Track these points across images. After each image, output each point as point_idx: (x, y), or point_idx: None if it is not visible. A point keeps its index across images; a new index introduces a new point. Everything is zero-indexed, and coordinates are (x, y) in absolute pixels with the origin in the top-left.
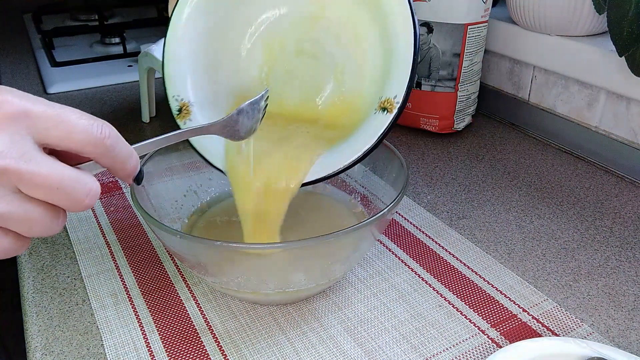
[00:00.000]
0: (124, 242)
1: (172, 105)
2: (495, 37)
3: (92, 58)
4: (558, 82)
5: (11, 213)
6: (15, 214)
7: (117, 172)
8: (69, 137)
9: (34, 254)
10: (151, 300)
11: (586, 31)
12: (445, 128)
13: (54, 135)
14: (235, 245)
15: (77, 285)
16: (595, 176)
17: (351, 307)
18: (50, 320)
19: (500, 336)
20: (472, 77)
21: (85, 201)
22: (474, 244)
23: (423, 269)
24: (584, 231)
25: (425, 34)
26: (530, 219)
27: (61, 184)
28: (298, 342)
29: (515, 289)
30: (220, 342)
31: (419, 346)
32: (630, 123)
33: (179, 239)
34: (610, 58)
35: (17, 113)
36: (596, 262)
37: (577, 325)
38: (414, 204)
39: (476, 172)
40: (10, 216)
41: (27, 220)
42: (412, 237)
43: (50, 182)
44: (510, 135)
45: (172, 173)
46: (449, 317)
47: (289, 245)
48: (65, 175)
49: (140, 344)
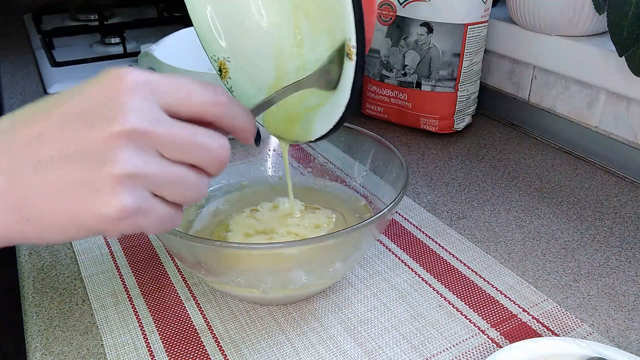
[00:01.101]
0: (124, 242)
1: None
2: (495, 37)
3: (92, 58)
4: (558, 82)
5: (161, 174)
6: (164, 175)
7: (238, 131)
8: (189, 100)
9: (33, 254)
10: (151, 300)
11: (586, 31)
12: (445, 128)
13: (176, 98)
14: (235, 245)
15: (77, 285)
16: (595, 176)
17: (351, 307)
18: (50, 320)
19: (500, 336)
20: (472, 77)
21: (221, 154)
22: (474, 244)
23: (423, 269)
24: (584, 231)
25: (425, 34)
26: (530, 219)
27: (196, 140)
28: (298, 342)
29: (515, 289)
30: (220, 342)
31: (419, 346)
32: (630, 123)
33: (179, 239)
34: (611, 58)
35: (141, 81)
36: (596, 262)
37: (577, 325)
38: (414, 204)
39: (476, 172)
40: (160, 179)
41: (176, 183)
42: (412, 237)
43: (186, 140)
44: (510, 135)
45: None
46: (449, 317)
47: (289, 245)
48: (198, 131)
49: (140, 344)
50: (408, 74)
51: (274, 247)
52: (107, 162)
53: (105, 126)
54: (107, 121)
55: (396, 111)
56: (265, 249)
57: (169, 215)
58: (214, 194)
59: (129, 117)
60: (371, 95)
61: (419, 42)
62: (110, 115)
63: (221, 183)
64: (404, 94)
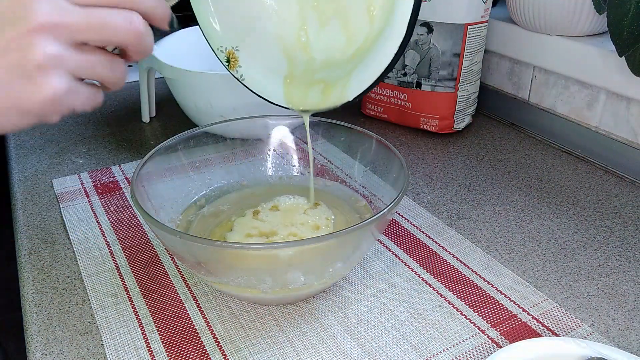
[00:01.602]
0: (124, 242)
1: (221, 59)
2: (495, 37)
3: None
4: (558, 82)
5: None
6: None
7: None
8: None
9: (34, 254)
10: (151, 300)
11: (586, 31)
12: (445, 128)
13: None
14: (236, 245)
15: (77, 285)
16: (595, 176)
17: (351, 307)
18: (50, 320)
19: (500, 336)
20: (472, 77)
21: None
22: (474, 244)
23: (423, 269)
24: (584, 231)
25: (425, 34)
26: (530, 218)
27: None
28: (298, 342)
29: (515, 289)
30: (220, 342)
31: (419, 346)
32: (631, 123)
33: (179, 239)
34: (610, 58)
35: None
36: (596, 262)
37: (577, 325)
38: (414, 204)
39: (476, 172)
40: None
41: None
42: (412, 237)
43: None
44: (510, 136)
45: (172, 173)
46: (449, 317)
47: (290, 245)
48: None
49: (140, 344)
50: (408, 74)
51: (272, 248)
52: (29, 53)
53: (21, 24)
54: (22, 19)
55: (396, 111)
56: (264, 249)
57: (92, 94)
58: (213, 194)
59: (39, 13)
60: (371, 95)
61: (419, 42)
62: (24, 14)
63: (221, 183)
64: (404, 94)
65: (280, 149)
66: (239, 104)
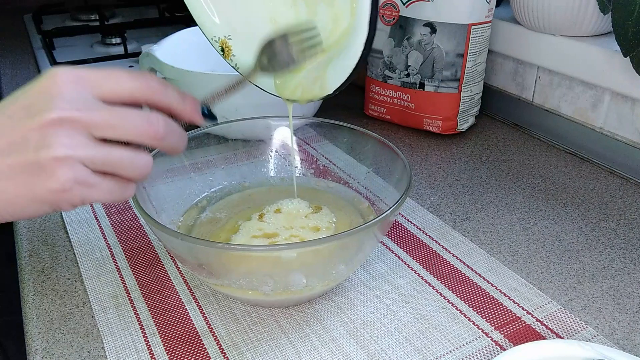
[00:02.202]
0: (125, 244)
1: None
2: (499, 37)
3: (93, 58)
4: (562, 82)
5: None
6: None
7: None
8: (118, 86)
9: (34, 256)
10: (152, 302)
11: (590, 31)
12: (448, 129)
13: (107, 85)
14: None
15: (77, 287)
16: (600, 177)
17: (354, 310)
18: (51, 322)
19: (504, 339)
20: (476, 78)
21: (151, 130)
22: (478, 246)
23: (426, 271)
24: (588, 233)
25: (428, 34)
26: (535, 220)
27: (126, 119)
28: (300, 344)
29: (519, 291)
30: (222, 345)
31: (422, 349)
32: (635, 124)
33: (181, 241)
34: (615, 58)
35: (72, 77)
36: (601, 264)
37: (581, 328)
38: (417, 205)
39: (480, 173)
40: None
41: (110, 160)
42: (415, 238)
43: (115, 121)
44: (514, 136)
45: (174, 174)
46: (452, 320)
47: (291, 247)
48: (128, 111)
49: (141, 347)
50: (411, 75)
51: (275, 250)
52: (45, 146)
53: (41, 116)
54: (43, 112)
55: (399, 112)
56: (266, 251)
57: (116, 188)
58: (215, 195)
59: (60, 107)
60: (374, 96)
61: (422, 42)
62: (45, 107)
63: (223, 184)
64: (407, 95)
65: (282, 150)
66: (241, 104)
